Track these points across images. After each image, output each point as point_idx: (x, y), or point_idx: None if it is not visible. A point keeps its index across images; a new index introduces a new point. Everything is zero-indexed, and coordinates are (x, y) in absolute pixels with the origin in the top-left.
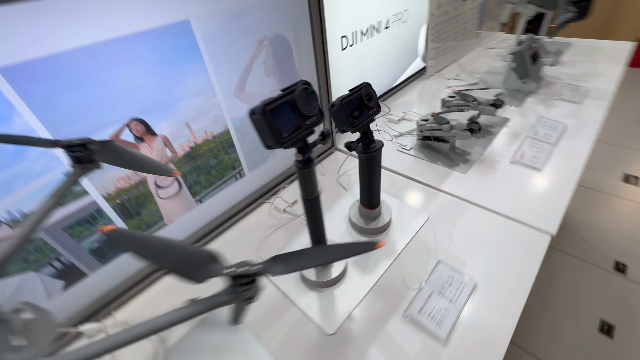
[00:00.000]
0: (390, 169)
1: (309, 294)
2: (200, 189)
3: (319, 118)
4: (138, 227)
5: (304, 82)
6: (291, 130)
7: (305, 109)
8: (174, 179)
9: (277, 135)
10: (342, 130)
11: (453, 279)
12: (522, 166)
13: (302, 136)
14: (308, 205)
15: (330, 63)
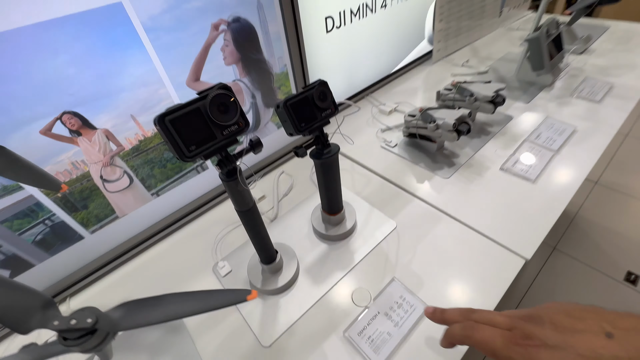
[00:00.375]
0: (368, 168)
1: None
2: (155, 182)
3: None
4: (86, 220)
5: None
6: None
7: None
8: (122, 172)
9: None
10: (290, 134)
11: (404, 300)
12: (512, 175)
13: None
14: (242, 217)
15: (312, 47)
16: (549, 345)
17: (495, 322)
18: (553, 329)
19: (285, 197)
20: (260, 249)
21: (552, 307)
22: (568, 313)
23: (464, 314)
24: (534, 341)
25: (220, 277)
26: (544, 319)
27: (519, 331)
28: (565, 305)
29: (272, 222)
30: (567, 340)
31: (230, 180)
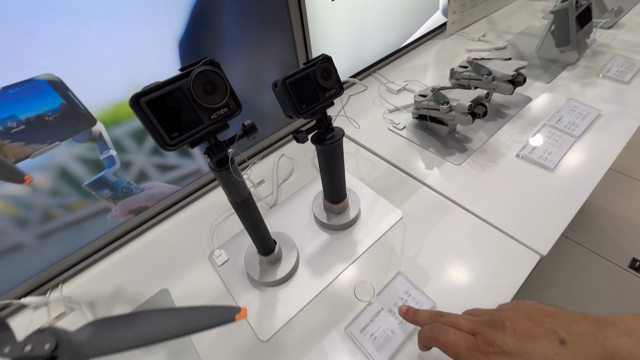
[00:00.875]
0: (374, 152)
1: (251, 292)
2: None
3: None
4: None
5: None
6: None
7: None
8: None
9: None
10: (289, 117)
11: (409, 296)
12: (529, 163)
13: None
14: (236, 209)
15: (315, 18)
16: (506, 352)
17: (460, 327)
18: (512, 334)
19: (285, 181)
20: (257, 241)
21: (515, 309)
22: (529, 316)
23: (433, 316)
24: (494, 348)
25: (216, 267)
26: (505, 324)
27: (481, 337)
28: (527, 307)
29: (271, 209)
30: (524, 347)
31: (221, 170)
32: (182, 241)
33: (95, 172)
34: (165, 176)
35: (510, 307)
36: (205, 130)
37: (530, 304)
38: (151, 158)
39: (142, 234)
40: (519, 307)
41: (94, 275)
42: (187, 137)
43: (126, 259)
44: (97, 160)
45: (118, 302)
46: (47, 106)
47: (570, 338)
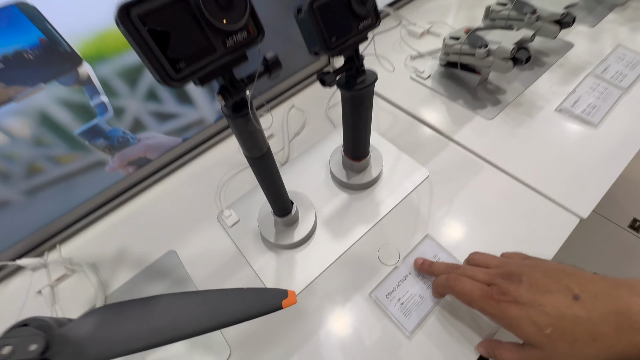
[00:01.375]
0: (395, 104)
1: (266, 254)
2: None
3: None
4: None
5: None
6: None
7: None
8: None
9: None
10: (314, 53)
11: (438, 259)
12: (570, 118)
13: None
14: (254, 165)
15: None
16: (519, 302)
17: (476, 278)
18: (528, 287)
19: (297, 136)
20: (274, 201)
21: (534, 266)
22: (546, 273)
23: (449, 268)
24: (507, 297)
25: (226, 228)
26: (522, 277)
27: (496, 287)
28: (547, 265)
29: (282, 167)
30: (538, 299)
31: (237, 116)
32: (187, 200)
33: (86, 120)
34: (163, 126)
35: (528, 264)
36: (219, 61)
37: (550, 263)
38: (146, 104)
39: (144, 192)
40: (538, 265)
41: (94, 236)
42: (196, 68)
43: (128, 218)
44: (87, 106)
45: (122, 264)
46: (24, 42)
47: (584, 295)
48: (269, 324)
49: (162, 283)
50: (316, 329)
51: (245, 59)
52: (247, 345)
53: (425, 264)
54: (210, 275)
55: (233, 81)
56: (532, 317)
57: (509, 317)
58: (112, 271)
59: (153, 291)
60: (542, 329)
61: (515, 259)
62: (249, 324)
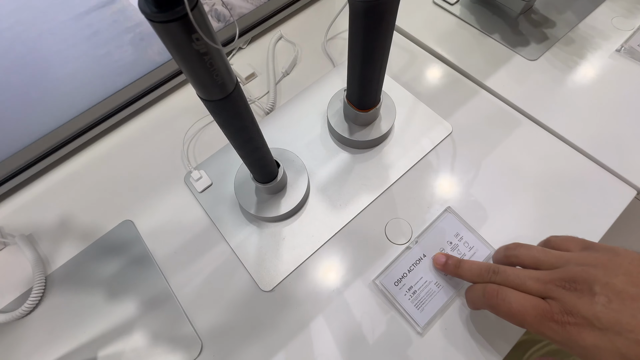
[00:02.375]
0: (413, 37)
1: (246, 228)
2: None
3: None
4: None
5: None
6: None
7: None
8: None
9: None
10: None
11: (461, 239)
12: (635, 61)
13: None
14: (215, 113)
15: None
16: (597, 326)
17: (525, 289)
18: (606, 303)
19: (286, 76)
20: (252, 164)
21: (609, 266)
22: (630, 276)
23: (484, 273)
24: (576, 319)
25: (195, 193)
26: (594, 287)
27: (557, 303)
28: (628, 263)
29: (267, 116)
30: (627, 322)
31: (167, 20)
32: (147, 157)
33: None
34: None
35: (600, 262)
36: None
37: (630, 257)
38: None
39: (91, 145)
40: (613, 261)
41: (29, 200)
42: None
43: (72, 177)
44: None
45: (66, 236)
46: None
47: None
48: (249, 313)
49: (116, 260)
50: (307, 321)
51: None
52: (224, 339)
53: (449, 263)
54: (176, 252)
55: None
56: (620, 348)
57: (583, 346)
58: (53, 245)
59: (105, 270)
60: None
61: (575, 251)
62: (225, 314)
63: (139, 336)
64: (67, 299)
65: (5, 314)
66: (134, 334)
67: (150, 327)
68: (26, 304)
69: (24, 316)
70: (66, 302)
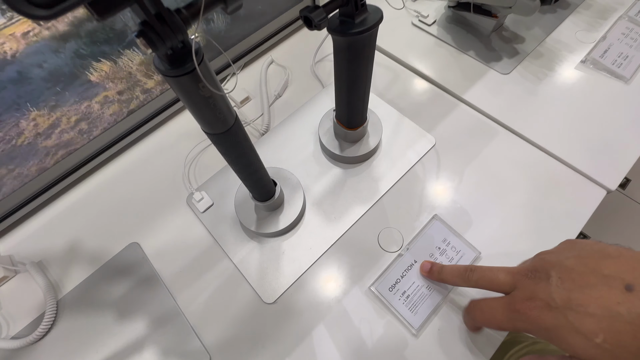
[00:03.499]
0: (395, 57)
1: (247, 244)
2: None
3: None
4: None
5: None
6: None
7: None
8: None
9: None
10: None
11: (449, 245)
12: (598, 71)
13: None
14: (218, 144)
15: None
16: (552, 306)
17: (498, 282)
18: (559, 284)
19: (278, 99)
20: (252, 185)
21: (563, 252)
22: (581, 260)
23: (462, 273)
24: (535, 302)
25: (198, 213)
26: (549, 272)
27: (520, 292)
28: (579, 249)
29: (262, 137)
30: (576, 297)
31: (179, 74)
32: (149, 181)
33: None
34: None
35: (556, 250)
36: None
37: (583, 244)
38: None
39: (96, 172)
40: (568, 248)
41: (39, 227)
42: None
43: (77, 205)
44: None
45: (75, 261)
46: None
47: (639, 283)
48: (254, 326)
49: (125, 281)
50: (309, 330)
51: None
52: (231, 351)
53: (434, 270)
54: (181, 271)
55: (161, 13)
56: (574, 323)
57: (545, 328)
58: (63, 270)
59: (114, 292)
60: (590, 337)
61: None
62: (231, 327)
63: (149, 354)
64: (78, 321)
65: (19, 339)
66: (144, 352)
67: (160, 344)
68: (39, 329)
69: (37, 341)
70: (78, 325)
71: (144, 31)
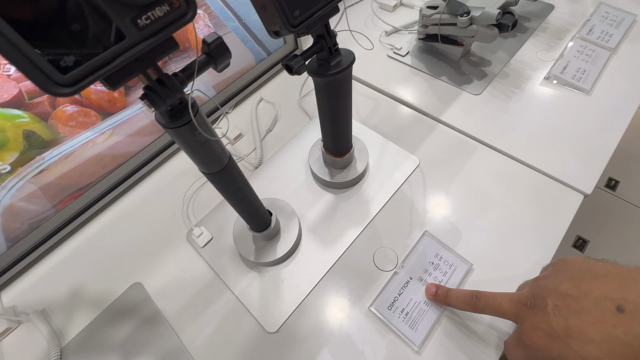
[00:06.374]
0: (375, 87)
1: (247, 275)
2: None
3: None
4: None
5: None
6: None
7: None
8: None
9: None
10: (274, 33)
11: (441, 259)
12: (561, 85)
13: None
14: (214, 182)
15: None
16: (553, 336)
17: (503, 310)
18: (556, 312)
19: (269, 133)
20: (248, 217)
21: (556, 275)
22: (572, 283)
23: (469, 300)
24: (538, 332)
25: (198, 248)
26: (546, 300)
27: (524, 323)
28: (570, 271)
29: (256, 170)
30: (574, 325)
31: (178, 125)
32: (149, 221)
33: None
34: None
35: (549, 274)
36: (132, 52)
37: (572, 264)
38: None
39: (95, 217)
40: (560, 271)
41: (40, 276)
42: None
43: (81, 250)
44: None
45: (78, 306)
46: None
47: (628, 303)
48: (259, 356)
49: (128, 323)
50: (313, 357)
51: (174, 46)
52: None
53: (439, 293)
54: (184, 307)
55: (163, 79)
56: (578, 351)
57: (553, 358)
58: (66, 316)
59: (118, 334)
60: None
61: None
62: (235, 355)
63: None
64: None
65: None
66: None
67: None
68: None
69: None
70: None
71: (147, 94)
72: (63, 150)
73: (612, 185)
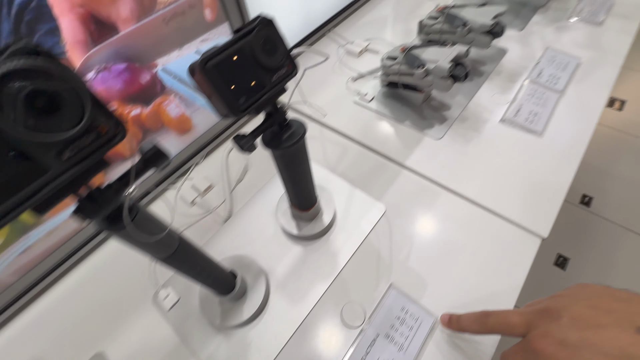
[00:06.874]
0: (341, 132)
1: (214, 339)
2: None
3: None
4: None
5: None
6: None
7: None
8: None
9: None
10: (224, 116)
11: (407, 313)
12: (515, 128)
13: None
14: (167, 264)
15: None
16: (565, 344)
17: (512, 324)
18: (572, 324)
19: (239, 183)
20: (210, 285)
21: (573, 296)
22: (591, 303)
23: (479, 319)
24: (549, 340)
25: (164, 312)
26: (561, 312)
27: (535, 331)
28: (590, 293)
29: (225, 224)
30: (589, 337)
31: (115, 230)
32: (113, 284)
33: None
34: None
35: (567, 293)
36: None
37: (593, 288)
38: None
39: (53, 285)
40: (579, 292)
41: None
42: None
43: (39, 319)
44: None
45: None
46: None
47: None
48: None
49: None
50: None
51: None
52: None
53: (452, 320)
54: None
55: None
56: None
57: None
58: None
59: None
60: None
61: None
62: None
63: None
64: None
65: None
66: None
67: None
68: None
69: None
70: None
71: (80, 208)
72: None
73: (586, 201)
